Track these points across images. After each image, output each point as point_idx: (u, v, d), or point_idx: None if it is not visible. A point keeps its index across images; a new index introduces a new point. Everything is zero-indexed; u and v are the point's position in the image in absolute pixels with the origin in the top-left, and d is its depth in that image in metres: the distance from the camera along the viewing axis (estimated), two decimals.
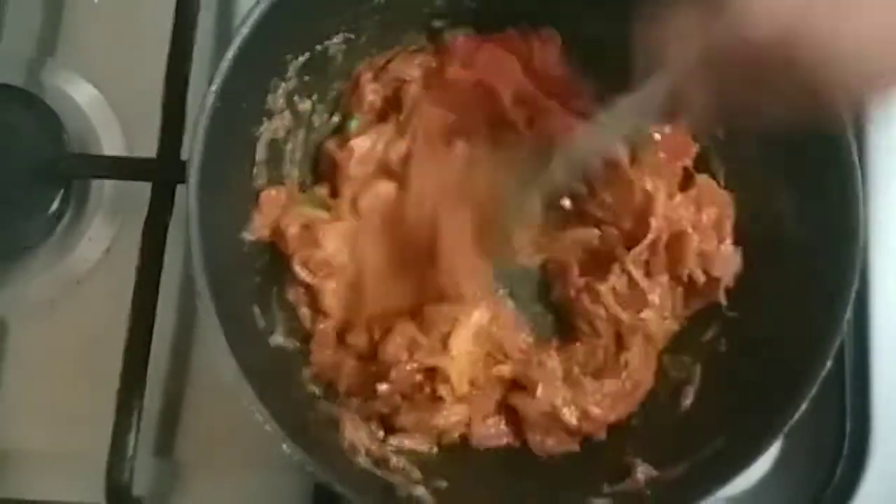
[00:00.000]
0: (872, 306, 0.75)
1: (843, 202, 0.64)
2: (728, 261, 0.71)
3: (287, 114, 0.71)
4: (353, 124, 0.74)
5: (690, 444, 0.66)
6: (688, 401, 0.70)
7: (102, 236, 0.79)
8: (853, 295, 0.63)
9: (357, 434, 0.68)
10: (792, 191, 0.69)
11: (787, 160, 0.69)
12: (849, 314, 0.63)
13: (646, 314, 0.71)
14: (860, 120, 0.77)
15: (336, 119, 0.76)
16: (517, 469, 0.70)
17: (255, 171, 0.70)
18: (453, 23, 0.75)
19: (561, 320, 0.75)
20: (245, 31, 0.63)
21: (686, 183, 0.72)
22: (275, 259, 0.71)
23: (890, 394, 0.74)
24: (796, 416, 0.61)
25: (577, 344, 0.72)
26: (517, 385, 0.71)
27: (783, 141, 0.68)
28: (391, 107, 0.75)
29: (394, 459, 0.67)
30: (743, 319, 0.70)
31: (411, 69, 0.74)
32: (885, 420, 0.74)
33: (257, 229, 0.69)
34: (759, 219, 0.71)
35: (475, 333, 0.69)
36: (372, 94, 0.74)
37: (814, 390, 0.61)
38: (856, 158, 0.63)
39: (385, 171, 0.72)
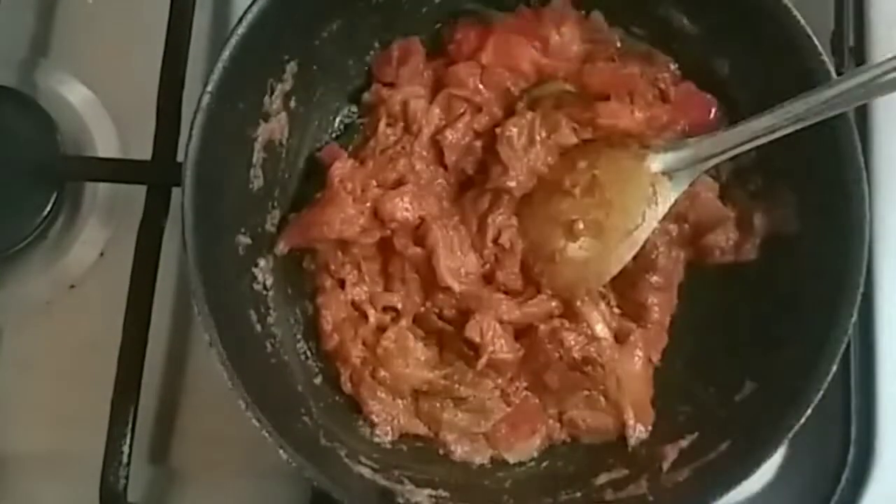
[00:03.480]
0: (878, 309, 0.75)
1: (847, 203, 0.63)
2: None
3: (284, 116, 0.71)
4: None
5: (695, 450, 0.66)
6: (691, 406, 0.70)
7: (96, 239, 0.78)
8: (859, 298, 0.62)
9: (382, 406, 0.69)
10: (795, 193, 0.68)
11: (789, 161, 0.68)
12: (854, 317, 0.62)
13: None
14: (864, 117, 0.77)
15: (334, 122, 0.76)
16: (519, 479, 0.70)
17: (251, 173, 0.69)
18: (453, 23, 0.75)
19: None
20: (241, 31, 0.62)
21: None
22: (274, 262, 0.71)
23: None
24: (801, 421, 0.61)
25: None
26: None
27: (785, 140, 0.67)
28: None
29: (396, 472, 0.67)
30: (746, 322, 0.70)
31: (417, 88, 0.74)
32: (891, 426, 0.74)
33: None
34: (762, 221, 0.70)
35: None
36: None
37: (819, 395, 0.61)
38: (860, 158, 0.63)
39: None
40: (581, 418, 0.70)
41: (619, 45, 0.74)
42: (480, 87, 0.73)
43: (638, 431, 0.69)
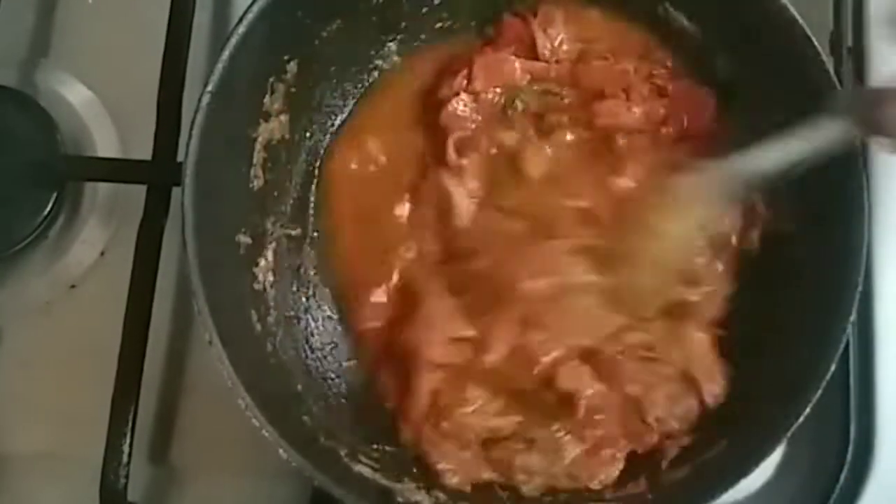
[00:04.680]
0: (877, 309, 0.75)
1: (846, 203, 0.63)
2: None
3: (285, 116, 0.71)
4: None
5: (694, 448, 0.66)
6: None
7: (97, 239, 0.78)
8: (857, 297, 0.62)
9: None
10: (793, 191, 0.68)
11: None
12: (853, 316, 0.62)
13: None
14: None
15: (335, 122, 0.76)
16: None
17: (252, 172, 0.69)
18: (453, 20, 0.75)
19: None
20: (241, 30, 0.62)
21: None
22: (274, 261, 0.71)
23: (895, 398, 0.74)
24: (800, 420, 0.60)
25: None
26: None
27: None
28: None
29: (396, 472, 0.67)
30: (746, 321, 0.70)
31: None
32: (890, 424, 0.73)
33: None
34: (761, 220, 0.70)
35: None
36: None
37: (818, 394, 0.61)
38: (859, 158, 0.63)
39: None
40: (667, 412, 0.68)
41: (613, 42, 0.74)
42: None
43: (712, 393, 0.68)
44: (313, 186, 0.75)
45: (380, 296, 0.72)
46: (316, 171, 0.75)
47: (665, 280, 0.68)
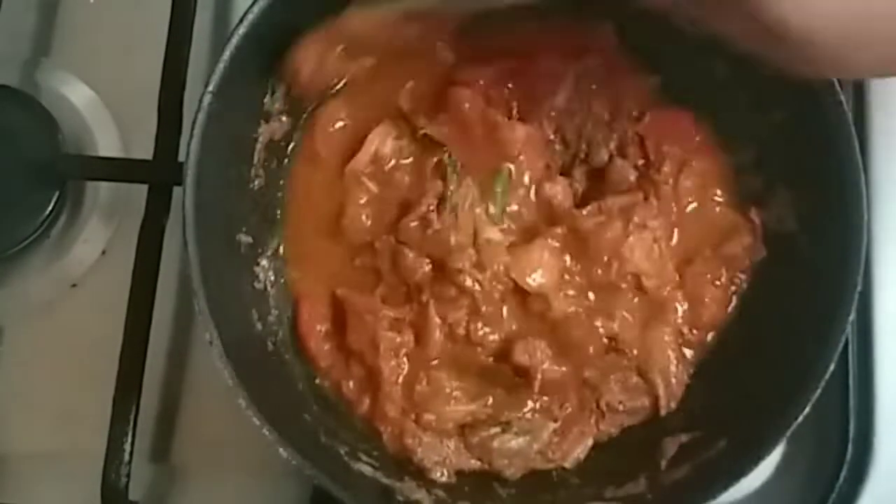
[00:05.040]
0: (876, 308, 0.75)
1: (845, 203, 0.63)
2: None
3: (286, 116, 0.71)
4: None
5: (693, 447, 0.66)
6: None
7: (98, 238, 0.78)
8: (857, 296, 0.62)
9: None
10: (793, 191, 0.69)
11: (787, 160, 0.68)
12: (852, 315, 0.62)
13: None
14: (862, 117, 0.77)
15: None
16: (517, 480, 0.70)
17: (252, 172, 0.69)
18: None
19: None
20: (242, 31, 0.62)
21: None
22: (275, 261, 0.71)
23: (894, 397, 0.74)
24: (799, 419, 0.61)
25: None
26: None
27: (784, 139, 0.67)
28: None
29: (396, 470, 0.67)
30: (745, 321, 0.70)
31: None
32: (890, 423, 0.74)
33: None
34: (760, 218, 0.71)
35: None
36: None
37: (817, 393, 0.61)
38: (859, 158, 0.63)
39: None
40: (618, 401, 0.70)
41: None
42: None
43: (666, 400, 0.69)
44: None
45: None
46: None
47: None
